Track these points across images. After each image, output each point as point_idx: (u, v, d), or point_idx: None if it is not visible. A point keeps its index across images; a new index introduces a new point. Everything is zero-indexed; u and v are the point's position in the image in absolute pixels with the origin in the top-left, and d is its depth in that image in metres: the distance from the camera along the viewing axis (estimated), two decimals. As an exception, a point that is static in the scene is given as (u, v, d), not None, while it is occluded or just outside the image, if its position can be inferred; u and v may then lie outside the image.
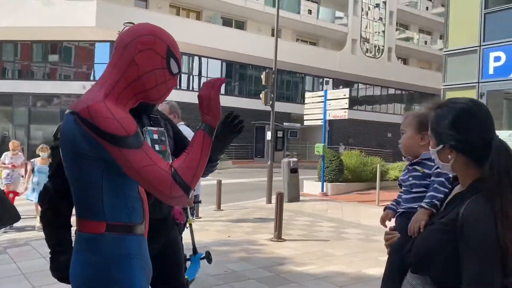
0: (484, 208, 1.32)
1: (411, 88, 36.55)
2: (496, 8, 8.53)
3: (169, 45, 1.51)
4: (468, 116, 1.41)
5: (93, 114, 1.32)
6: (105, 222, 1.41)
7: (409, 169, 1.74)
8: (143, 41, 1.46)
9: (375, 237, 7.11)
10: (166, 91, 1.55)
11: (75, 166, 1.41)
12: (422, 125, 1.73)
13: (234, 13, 28.48)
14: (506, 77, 8.18)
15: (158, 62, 1.47)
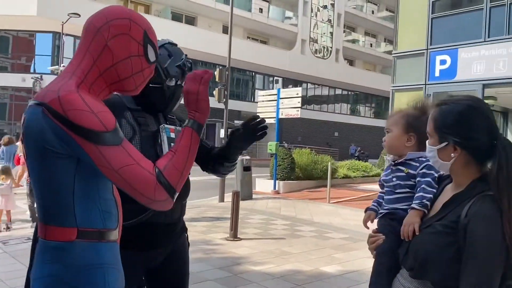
0: (491, 209, 1.29)
1: (357, 89, 37.79)
2: (443, 13, 8.94)
3: (146, 30, 1.37)
4: (474, 113, 1.39)
5: (66, 106, 1.17)
6: (76, 228, 1.24)
7: (393, 169, 1.69)
8: (118, 24, 1.30)
9: (328, 234, 7.21)
10: (143, 81, 1.40)
11: (42, 164, 1.22)
12: (410, 126, 1.68)
13: (184, 8, 28.01)
14: (450, 79, 8.59)
15: (134, 48, 1.32)
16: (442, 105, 1.44)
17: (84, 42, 1.31)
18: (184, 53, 1.95)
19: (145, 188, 1.18)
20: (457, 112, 1.39)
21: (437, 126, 1.42)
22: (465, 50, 8.38)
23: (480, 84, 8.10)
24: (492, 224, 1.27)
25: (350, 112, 38.68)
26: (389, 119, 1.76)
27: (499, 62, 7.96)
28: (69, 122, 1.15)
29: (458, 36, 8.59)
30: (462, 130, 1.38)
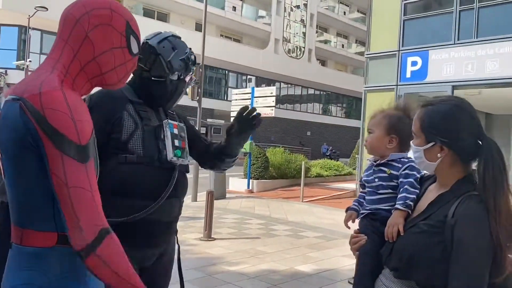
0: (478, 209, 1.30)
1: (329, 89, 38.23)
2: (414, 15, 9.12)
3: (128, 20, 1.30)
4: (461, 113, 1.39)
5: (46, 104, 1.08)
6: (56, 233, 1.14)
7: (375, 170, 1.68)
8: (98, 14, 1.23)
9: (303, 233, 7.24)
10: (125, 74, 1.34)
11: (18, 164, 1.13)
12: (392, 128, 1.67)
13: (156, 5, 27.62)
14: (421, 80, 8.77)
15: (116, 40, 1.26)
16: (428, 105, 1.44)
17: (62, 34, 1.24)
18: (188, 46, 1.90)
19: (86, 218, 1.08)
20: (445, 112, 1.40)
21: (424, 126, 1.41)
22: (436, 52, 8.58)
23: (450, 86, 8.30)
24: (480, 224, 1.28)
25: (322, 111, 39.10)
26: (372, 119, 1.75)
27: (468, 65, 8.18)
28: (43, 120, 1.07)
29: (429, 38, 8.79)
30: (450, 130, 1.38)
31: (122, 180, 1.68)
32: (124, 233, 1.61)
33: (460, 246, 1.28)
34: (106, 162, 1.64)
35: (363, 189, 1.78)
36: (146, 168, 1.72)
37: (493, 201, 1.29)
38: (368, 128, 1.75)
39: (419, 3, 9.13)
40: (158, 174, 1.75)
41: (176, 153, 1.78)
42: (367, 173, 1.73)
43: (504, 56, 7.77)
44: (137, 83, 1.86)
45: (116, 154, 1.69)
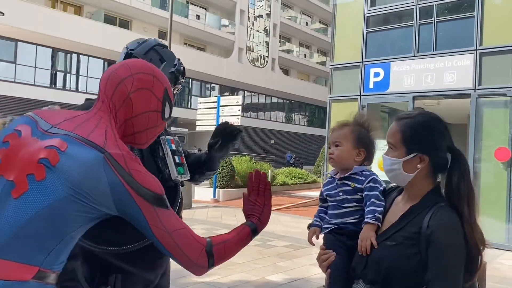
0: (451, 217, 1.36)
1: (292, 98, 38.71)
2: (376, 28, 9.42)
3: (166, 87, 1.39)
4: (439, 125, 1.46)
5: (130, 165, 1.17)
6: (38, 268, 1.10)
7: (338, 184, 1.66)
8: (141, 78, 1.32)
9: (271, 242, 7.26)
10: (154, 136, 1.41)
11: (52, 202, 1.08)
12: (360, 141, 1.68)
13: (118, 12, 27.12)
14: (384, 91, 9.05)
15: (154, 104, 1.34)
16: (406, 118, 1.49)
17: (106, 91, 1.31)
18: (176, 56, 1.82)
19: (193, 252, 1.23)
20: (426, 123, 1.46)
21: (405, 137, 1.45)
22: (397, 64, 8.89)
23: (411, 96, 8.61)
24: (455, 232, 1.34)
25: (285, 120, 39.51)
26: (337, 131, 1.73)
27: (427, 76, 8.52)
28: (134, 181, 1.16)
29: (391, 50, 9.10)
30: (431, 140, 1.44)
31: None
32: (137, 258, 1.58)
33: (438, 254, 1.33)
34: None
35: (323, 203, 1.76)
36: None
37: (467, 210, 1.36)
38: (334, 140, 1.72)
39: (381, 16, 9.45)
40: None
41: (178, 170, 1.73)
42: (329, 187, 1.72)
43: (460, 68, 8.16)
44: None
45: None
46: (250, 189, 1.52)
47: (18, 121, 1.24)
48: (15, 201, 1.09)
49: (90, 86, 25.12)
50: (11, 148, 1.15)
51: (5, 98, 21.07)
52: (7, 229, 1.08)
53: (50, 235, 1.10)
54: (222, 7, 33.39)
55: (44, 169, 1.10)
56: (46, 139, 1.14)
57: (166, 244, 1.20)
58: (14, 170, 1.11)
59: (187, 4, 30.66)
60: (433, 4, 8.60)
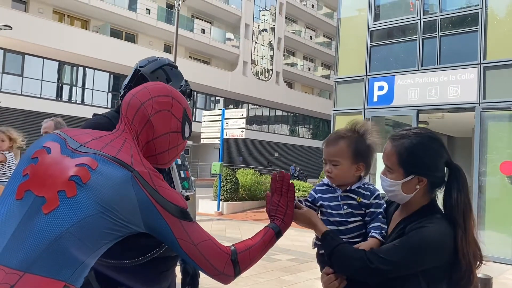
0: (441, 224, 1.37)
1: (296, 111, 38.80)
2: (380, 42, 9.48)
3: (185, 108, 1.44)
4: (436, 143, 1.45)
5: (155, 182, 1.22)
6: (64, 283, 1.10)
7: (342, 196, 1.59)
8: (161, 101, 1.37)
9: (275, 256, 7.21)
10: (175, 155, 1.46)
11: (88, 220, 1.11)
12: (358, 155, 1.58)
13: (124, 26, 27.44)
14: (388, 104, 9.06)
15: (174, 125, 1.40)
16: (401, 138, 1.45)
17: (126, 114, 1.36)
18: (183, 77, 1.82)
19: (219, 262, 1.26)
20: (423, 145, 1.43)
21: (402, 160, 1.42)
22: (401, 78, 8.92)
23: (415, 110, 8.62)
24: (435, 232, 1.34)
25: (290, 133, 39.55)
26: (331, 147, 1.61)
27: (432, 90, 8.54)
28: (160, 197, 1.20)
29: (395, 64, 9.15)
30: (430, 162, 1.42)
31: None
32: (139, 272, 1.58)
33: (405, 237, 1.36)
34: None
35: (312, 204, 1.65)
36: None
37: (463, 224, 1.36)
38: (330, 158, 1.60)
39: (384, 30, 9.52)
40: None
41: (184, 184, 1.73)
42: (328, 196, 1.61)
43: (464, 82, 8.18)
44: None
45: None
46: (273, 189, 1.52)
47: (47, 138, 1.27)
48: (46, 217, 1.10)
49: (96, 99, 25.32)
50: (40, 164, 1.17)
51: (12, 111, 21.26)
52: (37, 244, 1.09)
53: (78, 251, 1.11)
54: (227, 21, 33.73)
55: (75, 186, 1.12)
56: (76, 157, 1.18)
57: (193, 256, 1.23)
58: (45, 187, 1.13)
59: (193, 18, 31.01)
60: (436, 18, 8.66)
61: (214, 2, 31.20)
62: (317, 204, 1.64)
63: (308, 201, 1.67)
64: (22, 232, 1.09)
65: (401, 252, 1.33)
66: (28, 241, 1.08)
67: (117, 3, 25.97)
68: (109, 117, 1.74)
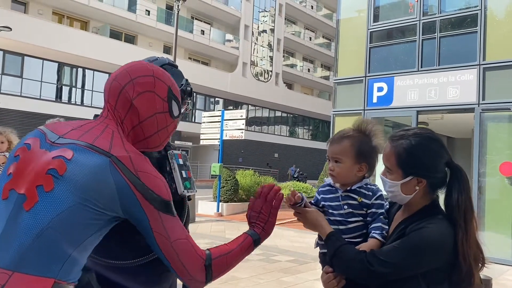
0: (441, 225, 1.35)
1: (295, 112, 38.82)
2: (380, 43, 9.48)
3: (169, 86, 1.36)
4: (435, 144, 1.44)
5: (137, 166, 1.15)
6: (54, 280, 1.08)
7: (342, 196, 1.59)
8: (142, 82, 1.29)
9: (275, 257, 7.21)
10: (167, 137, 1.39)
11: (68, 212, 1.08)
12: (361, 155, 1.59)
13: (124, 27, 27.46)
14: (387, 105, 9.07)
15: (159, 105, 1.32)
16: (400, 139, 1.44)
17: (109, 100, 1.30)
18: (184, 76, 1.81)
19: (192, 265, 1.20)
20: (421, 146, 1.42)
21: (401, 161, 1.42)
22: (401, 79, 8.92)
23: (415, 111, 8.62)
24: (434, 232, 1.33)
25: (289, 134, 39.56)
26: (335, 145, 1.62)
27: (431, 91, 8.54)
28: (140, 183, 1.13)
29: (394, 65, 9.15)
30: (428, 163, 1.41)
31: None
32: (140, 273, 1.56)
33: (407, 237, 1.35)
34: None
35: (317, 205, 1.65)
36: None
37: (463, 225, 1.35)
38: (333, 156, 1.61)
39: (384, 31, 9.52)
40: None
41: (185, 185, 1.72)
42: (329, 197, 1.62)
43: (464, 83, 8.18)
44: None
45: None
46: (257, 194, 1.46)
47: (29, 135, 1.25)
48: (27, 214, 1.09)
49: (95, 100, 25.31)
50: (21, 162, 1.15)
51: (11, 112, 21.25)
52: (22, 242, 1.08)
53: (63, 245, 1.09)
54: (227, 23, 33.76)
55: (52, 180, 1.09)
56: (54, 150, 1.15)
57: (167, 253, 1.17)
58: (25, 183, 1.11)
59: (192, 20, 31.03)
60: (436, 20, 8.67)
61: (213, 4, 31.23)
62: (320, 205, 1.64)
63: (311, 203, 1.66)
64: (9, 231, 1.09)
65: (401, 253, 1.32)
66: (14, 240, 1.08)
67: (116, 4, 25.99)
68: None
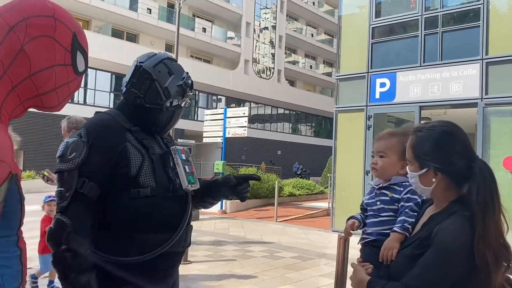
0: (463, 226, 1.33)
1: (298, 109, 38.76)
2: (382, 39, 9.46)
3: (75, 32, 1.08)
4: (449, 138, 1.43)
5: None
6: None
7: (377, 193, 1.68)
8: (39, 24, 0.98)
9: (279, 253, 7.23)
10: (68, 96, 1.14)
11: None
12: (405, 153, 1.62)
13: (126, 26, 27.47)
14: (390, 101, 9.05)
15: (60, 55, 1.04)
16: (418, 132, 1.47)
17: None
18: (184, 70, 1.81)
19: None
20: (434, 138, 1.43)
21: (415, 153, 1.45)
22: (403, 74, 8.89)
23: (417, 106, 8.60)
24: (460, 235, 1.31)
25: (292, 131, 39.52)
26: (383, 141, 1.71)
27: (434, 86, 8.52)
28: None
29: (396, 60, 9.12)
30: (440, 155, 1.41)
31: (137, 216, 1.60)
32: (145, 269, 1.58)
33: (432, 249, 1.32)
34: (116, 198, 1.59)
35: (364, 212, 1.76)
36: (160, 200, 1.65)
37: (482, 223, 1.32)
38: (378, 150, 1.71)
39: (386, 27, 9.49)
40: (173, 204, 1.69)
41: (189, 180, 1.73)
42: (369, 196, 1.73)
43: (466, 78, 8.15)
44: (129, 109, 1.75)
45: (127, 189, 1.60)
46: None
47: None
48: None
49: (98, 99, 25.37)
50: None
51: (14, 112, 21.30)
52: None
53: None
54: (228, 20, 33.70)
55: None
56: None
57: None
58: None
59: (194, 18, 31.00)
60: (438, 14, 8.63)
61: (215, 1, 31.18)
62: (364, 206, 1.74)
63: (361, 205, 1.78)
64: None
65: (428, 269, 1.31)
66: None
67: (118, 3, 25.99)
68: (112, 114, 1.74)
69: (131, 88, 1.72)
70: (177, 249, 1.70)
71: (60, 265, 1.44)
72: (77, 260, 1.44)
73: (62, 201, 1.50)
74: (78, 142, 1.56)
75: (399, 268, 1.43)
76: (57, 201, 1.53)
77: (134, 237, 1.59)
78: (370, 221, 1.69)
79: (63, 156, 1.53)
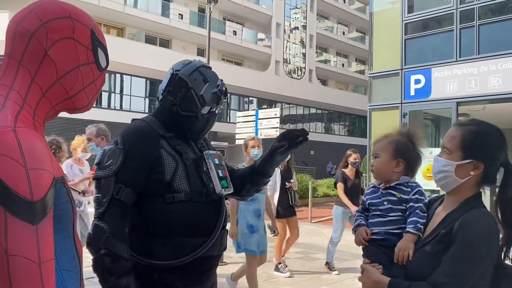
0: (487, 218, 1.34)
1: (330, 108, 38.38)
2: (415, 34, 9.25)
3: (92, 28, 1.09)
4: (501, 136, 1.45)
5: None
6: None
7: (383, 193, 1.67)
8: (58, 27, 0.99)
9: (314, 255, 7.19)
10: (95, 94, 1.13)
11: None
12: (398, 152, 1.68)
13: (158, 32, 28.06)
14: (425, 98, 8.83)
15: (82, 55, 1.04)
16: (467, 125, 1.48)
17: (13, 53, 0.99)
18: (219, 77, 1.83)
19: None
20: (489, 132, 1.45)
21: (465, 143, 1.43)
22: (438, 70, 8.67)
23: (454, 102, 8.36)
24: (486, 228, 1.33)
25: (325, 130, 39.17)
26: (377, 144, 1.76)
27: (471, 81, 8.25)
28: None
29: (431, 56, 8.90)
30: (492, 149, 1.42)
31: (172, 220, 1.64)
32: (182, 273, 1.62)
33: (457, 243, 1.33)
34: (152, 203, 1.63)
35: (365, 212, 1.74)
36: (194, 204, 1.68)
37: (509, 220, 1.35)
38: (374, 152, 1.76)
39: (419, 22, 9.28)
40: (207, 208, 1.72)
41: (222, 184, 1.75)
42: (372, 196, 1.72)
43: (506, 71, 7.85)
44: (165, 116, 1.78)
45: (162, 194, 1.64)
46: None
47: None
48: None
49: (134, 104, 26.03)
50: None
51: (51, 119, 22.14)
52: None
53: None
54: (258, 22, 33.81)
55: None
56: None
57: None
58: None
59: (224, 21, 31.30)
60: (474, 7, 8.36)
61: (244, 4, 31.36)
62: (367, 206, 1.74)
63: (360, 211, 1.77)
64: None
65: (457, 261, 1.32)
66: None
67: (150, 10, 26.59)
68: (148, 121, 1.79)
69: (167, 96, 1.76)
70: (213, 253, 1.73)
71: (100, 269, 1.48)
72: (116, 264, 1.48)
73: (100, 207, 1.55)
74: (115, 149, 1.61)
75: (418, 266, 1.42)
76: (95, 207, 1.59)
77: (170, 241, 1.63)
78: (376, 220, 1.67)
79: (100, 163, 1.59)
